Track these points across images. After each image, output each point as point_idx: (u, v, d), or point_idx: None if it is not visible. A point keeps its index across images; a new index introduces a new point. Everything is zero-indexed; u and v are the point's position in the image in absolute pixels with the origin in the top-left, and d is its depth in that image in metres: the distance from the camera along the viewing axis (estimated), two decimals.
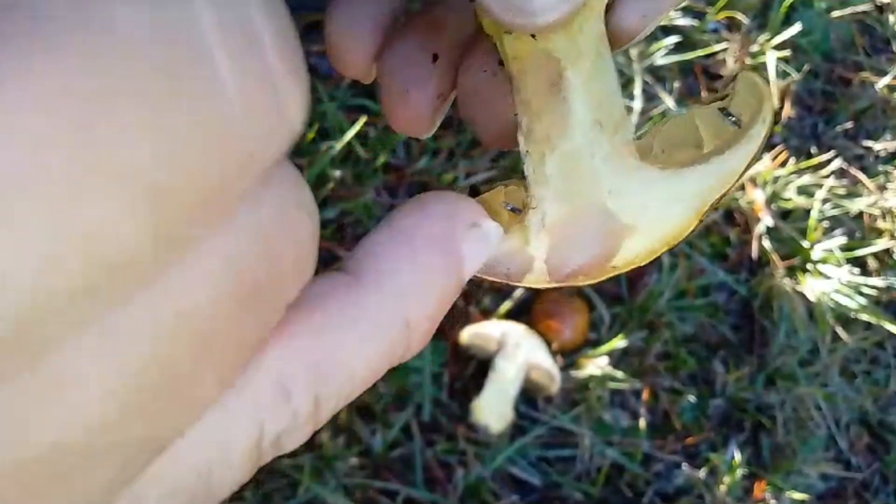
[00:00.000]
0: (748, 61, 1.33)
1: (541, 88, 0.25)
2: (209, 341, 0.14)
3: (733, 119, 0.27)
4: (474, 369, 1.05)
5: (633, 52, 1.26)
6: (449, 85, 0.28)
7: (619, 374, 1.10)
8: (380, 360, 0.20)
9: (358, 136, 1.05)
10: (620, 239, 0.25)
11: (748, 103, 0.27)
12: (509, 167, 1.12)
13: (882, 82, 1.42)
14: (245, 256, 0.15)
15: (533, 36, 0.24)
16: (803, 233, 1.25)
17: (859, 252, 1.26)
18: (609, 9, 0.25)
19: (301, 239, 0.18)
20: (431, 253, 0.21)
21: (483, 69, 0.27)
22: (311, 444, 0.96)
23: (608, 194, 0.25)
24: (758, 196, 1.25)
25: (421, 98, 0.27)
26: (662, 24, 1.29)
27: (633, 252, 0.26)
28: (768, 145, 1.34)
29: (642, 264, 0.26)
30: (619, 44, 0.26)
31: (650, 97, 1.27)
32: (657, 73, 1.29)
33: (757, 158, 0.26)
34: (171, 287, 0.13)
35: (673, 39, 1.28)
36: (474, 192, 0.28)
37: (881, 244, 1.29)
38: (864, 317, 1.23)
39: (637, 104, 1.23)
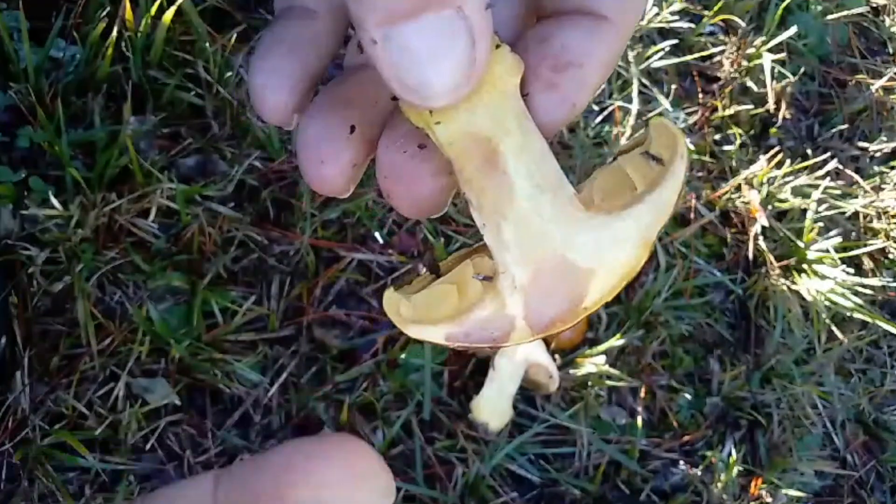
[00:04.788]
0: (744, 64, 1.35)
1: (480, 167, 0.28)
2: None
3: (655, 160, 0.30)
4: (474, 368, 1.06)
5: (631, 55, 1.28)
6: (364, 155, 0.30)
7: (617, 372, 1.11)
8: None
9: None
10: (585, 284, 0.28)
11: (664, 143, 0.30)
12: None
13: (877, 84, 1.44)
14: None
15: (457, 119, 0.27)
16: (799, 233, 1.26)
17: (854, 252, 1.28)
18: (527, 109, 0.28)
19: None
20: None
21: (403, 149, 0.29)
22: None
23: (564, 247, 0.28)
24: (754, 197, 1.26)
25: (336, 169, 0.29)
26: (659, 26, 1.31)
27: (598, 293, 0.28)
28: (765, 146, 1.35)
29: (609, 300, 0.29)
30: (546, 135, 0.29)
31: (647, 100, 1.28)
32: (654, 76, 1.31)
33: (683, 188, 0.29)
34: None
35: (669, 42, 1.30)
36: (432, 268, 0.31)
37: (876, 244, 1.30)
38: (860, 316, 1.25)
39: (634, 107, 1.25)
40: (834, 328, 1.24)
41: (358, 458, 0.21)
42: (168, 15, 0.95)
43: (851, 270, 1.26)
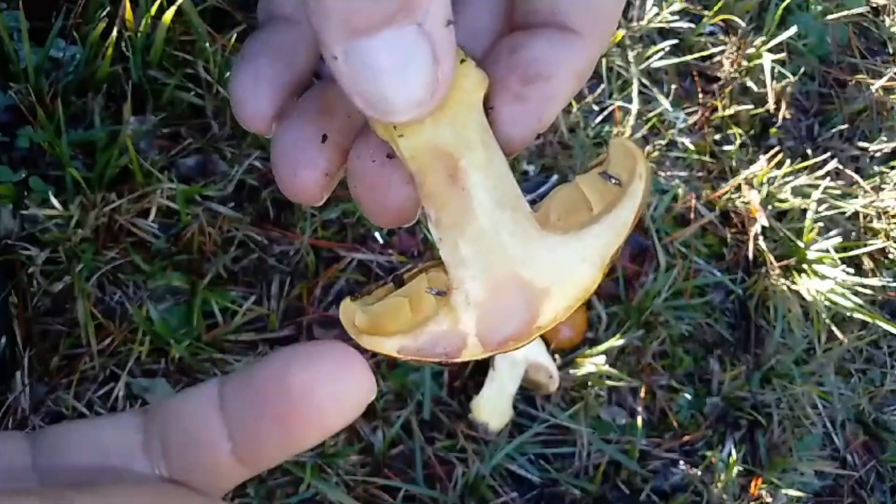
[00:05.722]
0: (744, 64, 1.35)
1: (440, 181, 0.28)
2: None
3: (614, 180, 0.30)
4: (474, 368, 1.07)
5: (631, 55, 1.28)
6: (337, 164, 0.30)
7: (617, 372, 1.11)
8: None
9: None
10: (539, 303, 0.28)
11: (623, 164, 0.30)
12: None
13: (877, 84, 1.44)
14: None
15: (421, 134, 0.27)
16: (799, 233, 1.26)
17: (854, 252, 1.28)
18: (493, 121, 0.28)
19: None
20: None
21: (372, 158, 0.29)
22: None
23: (520, 265, 0.28)
24: (754, 197, 1.26)
25: (308, 178, 0.29)
26: (659, 26, 1.30)
27: (552, 312, 0.28)
28: (765, 147, 1.35)
29: (563, 320, 0.28)
30: (509, 152, 0.29)
31: (647, 100, 1.28)
32: (654, 76, 1.31)
33: (642, 209, 0.29)
34: None
35: (669, 42, 1.30)
36: (399, 282, 0.31)
37: (876, 244, 1.30)
38: (860, 316, 1.25)
39: (634, 107, 1.25)
40: (834, 328, 1.24)
41: (346, 358, 0.24)
42: (168, 15, 0.95)
43: (851, 270, 1.26)
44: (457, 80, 0.27)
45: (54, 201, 0.90)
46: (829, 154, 1.34)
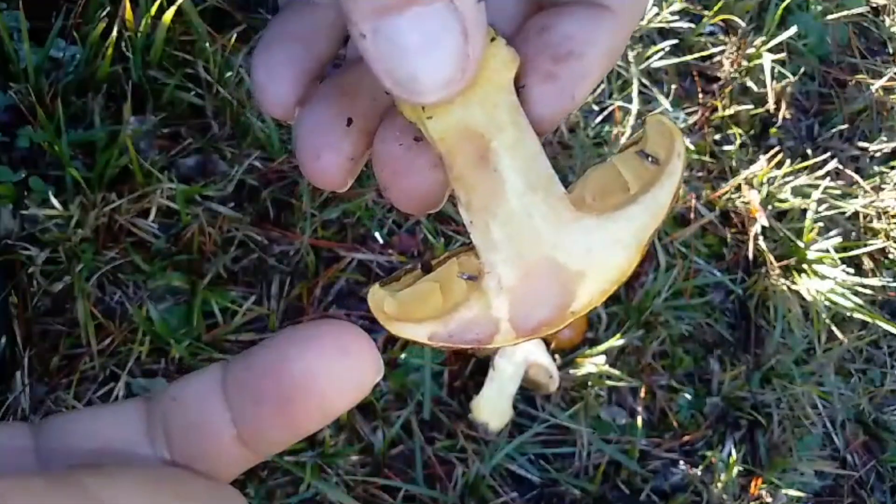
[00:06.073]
0: (744, 64, 1.35)
1: (471, 163, 0.27)
2: None
3: (651, 159, 0.29)
4: (474, 368, 1.07)
5: (631, 55, 1.28)
6: (362, 148, 0.29)
7: (617, 372, 1.11)
8: None
9: None
10: (574, 287, 0.27)
11: (660, 143, 0.29)
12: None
13: (877, 84, 1.44)
14: None
15: (452, 115, 0.27)
16: (799, 233, 1.26)
17: (854, 252, 1.28)
18: (524, 100, 0.27)
19: None
20: None
21: (399, 142, 0.28)
22: (313, 442, 0.98)
23: (553, 248, 0.27)
24: (754, 197, 1.26)
25: (332, 162, 0.29)
26: (659, 26, 1.30)
27: (587, 297, 0.27)
28: (765, 147, 1.35)
29: (598, 304, 0.28)
30: (541, 132, 0.28)
31: (647, 100, 1.28)
32: (654, 76, 1.31)
33: (679, 189, 0.28)
34: None
35: (669, 42, 1.30)
36: (427, 268, 0.30)
37: (876, 244, 1.30)
38: (860, 316, 1.25)
39: (634, 107, 1.25)
40: (834, 328, 1.24)
41: (350, 338, 0.23)
42: (168, 15, 0.95)
43: (851, 270, 1.26)
44: (487, 59, 0.26)
45: (54, 201, 0.90)
46: (829, 154, 1.34)
